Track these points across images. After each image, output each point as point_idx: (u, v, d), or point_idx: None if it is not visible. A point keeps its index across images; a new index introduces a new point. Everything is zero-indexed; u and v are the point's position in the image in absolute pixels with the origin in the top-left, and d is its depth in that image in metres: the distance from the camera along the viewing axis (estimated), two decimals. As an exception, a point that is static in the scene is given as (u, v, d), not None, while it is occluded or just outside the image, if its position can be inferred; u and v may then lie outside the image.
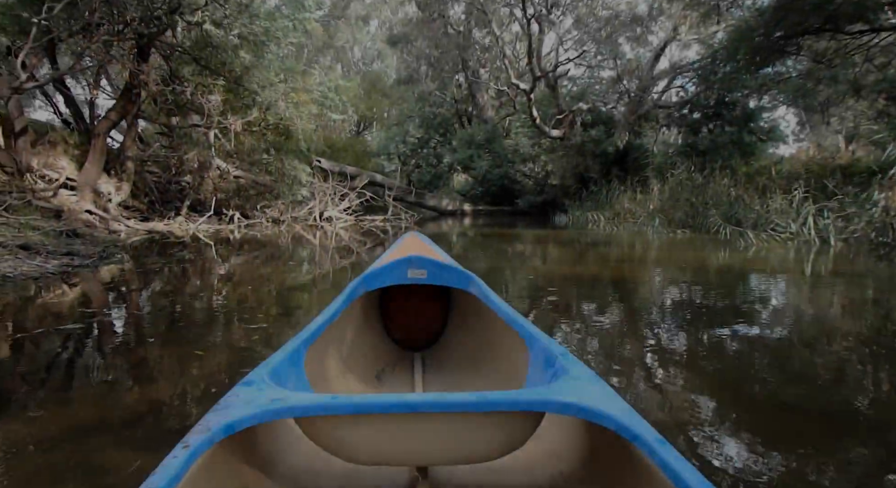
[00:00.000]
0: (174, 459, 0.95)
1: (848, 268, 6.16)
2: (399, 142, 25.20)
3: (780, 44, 12.03)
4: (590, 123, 17.60)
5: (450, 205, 19.68)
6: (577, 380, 1.25)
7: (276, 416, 1.08)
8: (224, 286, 4.99)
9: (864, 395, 2.37)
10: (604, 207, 15.26)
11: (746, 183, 12.84)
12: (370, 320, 2.46)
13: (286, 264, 6.58)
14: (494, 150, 19.81)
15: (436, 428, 1.10)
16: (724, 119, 17.14)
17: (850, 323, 3.76)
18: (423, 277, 2.22)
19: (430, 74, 23.95)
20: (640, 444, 1.02)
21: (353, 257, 7.60)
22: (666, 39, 17.93)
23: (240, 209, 12.31)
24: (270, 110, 11.24)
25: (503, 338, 1.96)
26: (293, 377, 1.49)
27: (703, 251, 8.05)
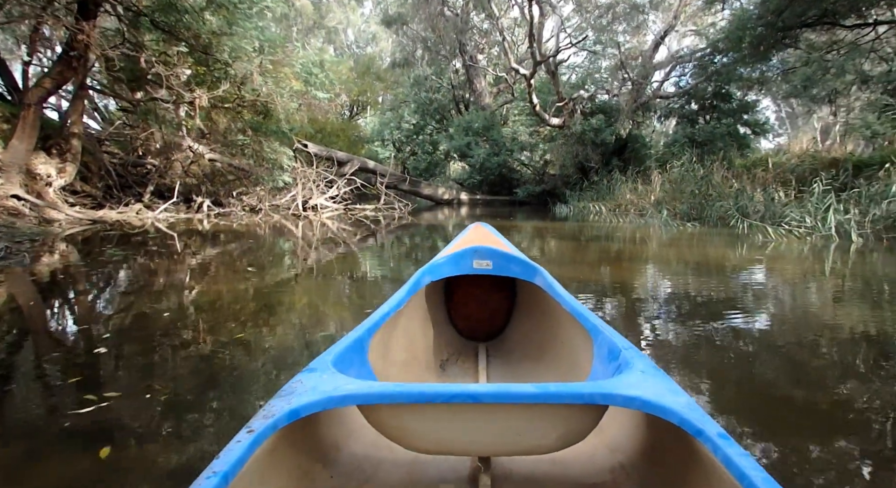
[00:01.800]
0: (238, 443, 0.93)
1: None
2: (394, 127, 23.78)
3: (780, 35, 11.68)
4: (590, 112, 16.57)
5: (446, 193, 18.19)
6: (641, 374, 1.18)
7: (340, 403, 1.05)
8: (149, 306, 3.50)
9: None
10: (605, 198, 14.10)
11: (744, 175, 12.28)
12: (435, 310, 2.36)
13: (256, 267, 5.10)
14: (492, 138, 18.36)
15: (498, 419, 1.08)
16: (721, 111, 17.08)
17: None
18: (488, 268, 2.16)
19: (427, 58, 22.42)
20: (703, 440, 0.96)
21: (339, 252, 6.20)
22: (666, 28, 16.83)
23: (212, 196, 10.80)
24: (246, 85, 9.71)
25: (568, 330, 1.90)
26: (356, 365, 1.45)
27: (724, 248, 6.74)
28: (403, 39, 23.02)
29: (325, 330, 2.93)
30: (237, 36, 8.81)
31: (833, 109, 14.86)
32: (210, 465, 0.88)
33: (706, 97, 16.82)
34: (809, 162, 11.55)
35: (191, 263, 5.21)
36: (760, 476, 0.85)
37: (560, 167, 17.29)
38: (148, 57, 8.33)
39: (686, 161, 13.29)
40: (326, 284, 4.34)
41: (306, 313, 3.31)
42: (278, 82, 10.13)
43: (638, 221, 11.18)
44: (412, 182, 17.74)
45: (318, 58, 11.18)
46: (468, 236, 2.49)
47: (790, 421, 1.94)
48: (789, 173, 12.00)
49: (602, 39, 17.82)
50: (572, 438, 1.13)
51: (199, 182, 10.88)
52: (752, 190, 10.95)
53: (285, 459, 1.14)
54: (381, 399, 1.05)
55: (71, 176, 8.23)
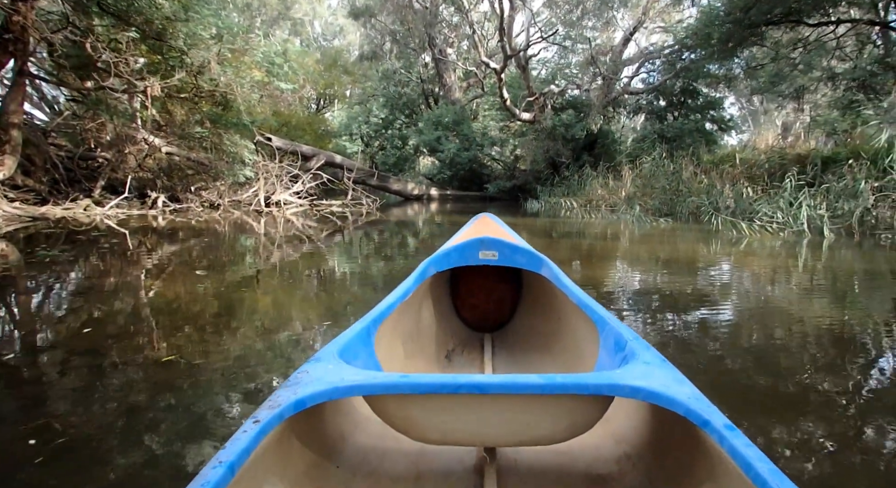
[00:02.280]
0: (244, 433, 0.93)
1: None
2: (362, 122, 23.23)
3: (747, 32, 11.79)
4: (560, 107, 16.46)
5: (415, 189, 17.84)
6: (647, 365, 1.18)
7: (346, 394, 1.05)
8: (72, 319, 3.07)
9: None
10: (576, 193, 14.04)
11: (712, 170, 12.36)
12: (441, 300, 2.35)
13: (210, 268, 4.69)
14: (463, 133, 18.07)
15: (504, 410, 1.07)
16: (689, 107, 17.25)
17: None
18: (494, 259, 2.14)
19: (395, 51, 22.02)
20: (709, 430, 0.96)
21: (304, 250, 5.83)
22: (635, 24, 16.81)
23: (169, 191, 10.26)
24: (203, 75, 9.20)
25: (574, 321, 1.89)
26: (363, 355, 1.44)
27: (699, 245, 6.63)
28: (371, 32, 22.57)
29: (285, 355, 2.46)
30: (193, 22, 8.32)
31: (800, 105, 14.97)
32: (216, 455, 0.87)
33: (674, 93, 16.92)
34: (778, 158, 11.50)
35: (138, 265, 4.78)
36: (767, 467, 0.84)
37: (531, 162, 17.14)
38: (94, 42, 7.75)
39: (657, 156, 13.27)
40: (288, 289, 3.99)
41: (263, 328, 2.87)
42: (238, 72, 9.64)
43: (610, 217, 11.06)
44: (381, 177, 17.35)
45: (280, 47, 10.65)
46: (474, 227, 2.49)
47: (757, 405, 1.98)
48: (757, 169, 12.06)
49: (572, 35, 17.74)
50: (578, 429, 1.13)
51: (155, 176, 10.32)
52: (722, 185, 10.93)
53: (291, 449, 1.14)
54: (387, 389, 1.05)
55: (10, 169, 7.63)
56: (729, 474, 0.95)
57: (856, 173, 8.06)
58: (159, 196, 9.59)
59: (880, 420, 1.87)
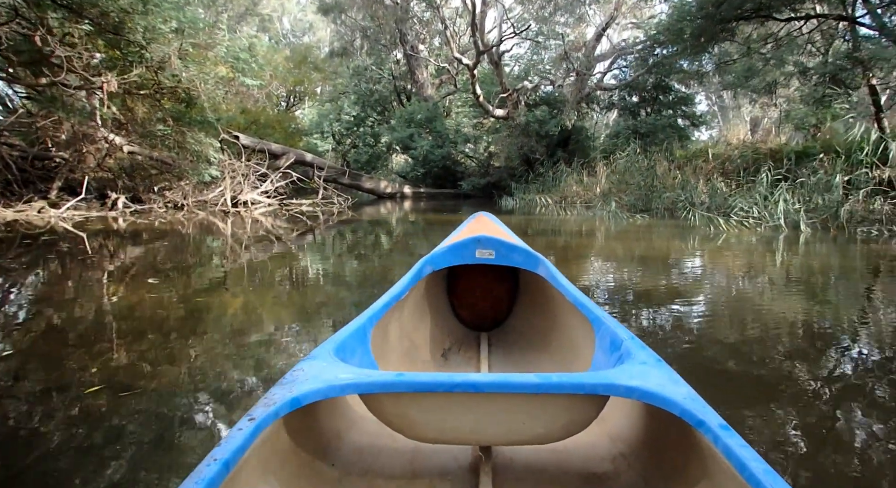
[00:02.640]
0: (239, 431, 0.92)
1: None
2: (333, 119, 22.89)
3: (719, 27, 11.75)
4: (534, 103, 16.38)
5: (388, 187, 17.57)
6: (643, 365, 1.19)
7: (342, 392, 1.06)
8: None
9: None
10: (551, 190, 13.94)
11: (685, 166, 12.41)
12: (437, 299, 2.35)
13: (166, 275, 4.40)
14: (436, 130, 17.88)
15: (500, 409, 1.07)
16: (661, 103, 17.29)
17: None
18: (490, 257, 2.13)
19: (366, 48, 21.68)
20: (704, 430, 0.97)
21: (272, 252, 5.58)
22: (607, 20, 16.82)
23: (131, 192, 9.86)
24: (165, 70, 8.83)
25: (570, 320, 1.89)
26: (359, 353, 1.45)
27: (679, 241, 6.58)
28: (341, 28, 22.17)
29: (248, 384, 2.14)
30: (152, 15, 7.96)
31: (773, 100, 15.11)
32: (211, 453, 0.87)
33: (647, 89, 16.98)
34: (751, 153, 11.56)
35: (96, 270, 4.49)
36: (761, 467, 0.85)
37: (505, 159, 17.04)
38: (44, 35, 7.35)
39: (631, 152, 13.27)
40: (254, 298, 3.75)
41: (218, 359, 2.47)
42: (202, 68, 9.29)
43: (585, 213, 10.98)
44: (352, 175, 17.05)
45: (246, 42, 10.29)
46: (471, 226, 2.48)
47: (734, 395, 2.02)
48: (730, 164, 12.13)
49: (544, 30, 17.67)
50: (574, 428, 1.14)
51: (116, 176, 9.90)
52: (696, 181, 10.95)
53: (287, 447, 1.14)
54: (383, 388, 1.05)
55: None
56: (723, 474, 0.95)
57: (828, 168, 8.09)
58: (119, 197, 9.19)
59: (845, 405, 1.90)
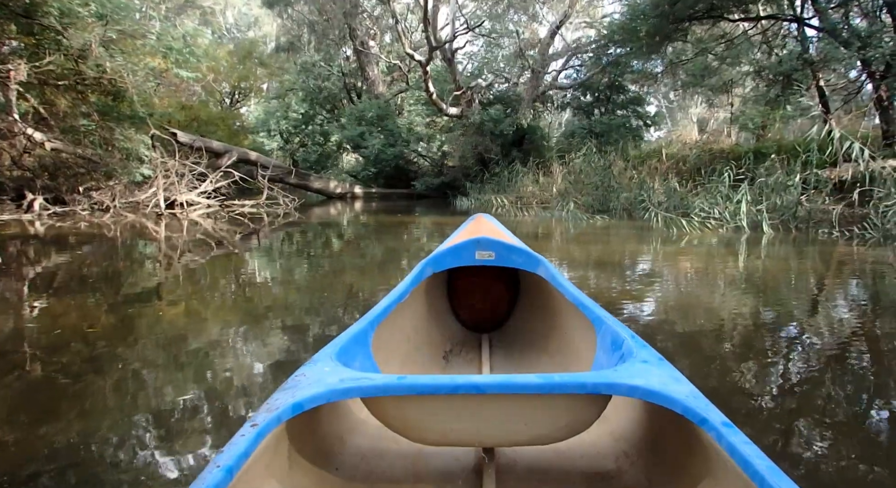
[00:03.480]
0: (242, 437, 0.92)
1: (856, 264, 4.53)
2: (280, 117, 22.06)
3: (672, 27, 11.82)
4: (488, 102, 16.14)
5: (338, 187, 16.91)
6: (645, 363, 1.19)
7: (344, 396, 1.05)
8: None
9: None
10: (507, 190, 13.63)
11: (639, 166, 12.37)
12: (437, 301, 2.34)
13: (84, 289, 3.75)
14: (387, 128, 17.34)
15: (502, 410, 1.07)
16: (615, 103, 17.32)
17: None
18: (490, 259, 2.12)
19: (314, 43, 20.93)
20: (707, 428, 0.96)
21: (205, 258, 5.00)
22: (561, 18, 16.68)
23: (52, 192, 8.98)
24: (87, 59, 8.03)
25: (571, 320, 1.89)
26: (360, 357, 1.46)
27: (640, 243, 6.36)
28: (288, 23, 21.34)
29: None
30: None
31: (730, 99, 15.24)
32: (214, 460, 0.87)
33: (601, 88, 16.94)
34: (707, 154, 11.51)
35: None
36: (765, 464, 0.84)
37: (459, 158, 16.71)
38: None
39: (587, 152, 13.10)
40: (174, 325, 3.21)
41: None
42: (130, 58, 8.51)
43: (543, 214, 10.69)
44: (300, 175, 16.35)
45: (181, 31, 9.51)
46: (470, 227, 2.45)
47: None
48: (684, 163, 12.11)
49: (498, 28, 17.43)
50: (576, 428, 1.12)
51: (35, 176, 8.99)
52: (652, 181, 10.83)
53: (290, 452, 1.13)
54: (385, 391, 1.04)
55: None
56: (727, 471, 0.95)
57: (788, 167, 8.01)
58: (37, 198, 8.32)
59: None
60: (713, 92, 13.63)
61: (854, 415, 1.85)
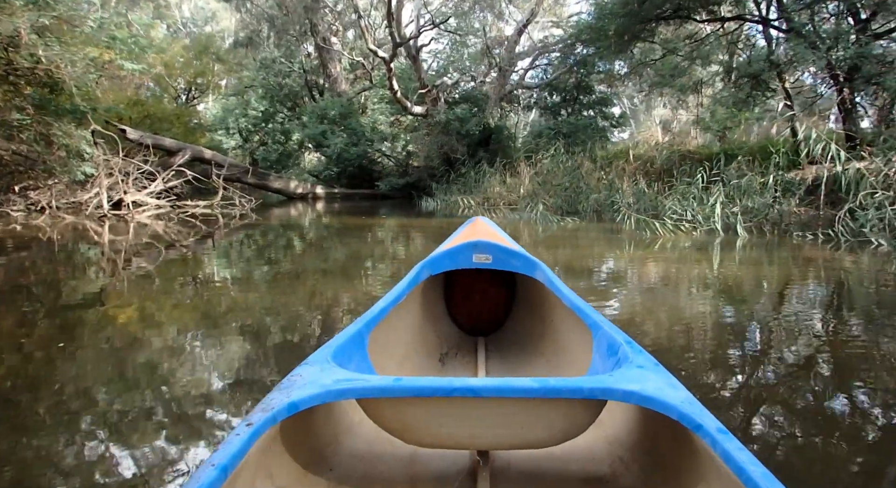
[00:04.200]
0: (237, 437, 0.92)
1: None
2: (239, 115, 21.21)
3: (640, 27, 11.75)
4: (454, 101, 15.75)
5: (299, 187, 16.26)
6: (640, 369, 1.18)
7: (340, 397, 1.05)
8: None
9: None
10: (473, 191, 13.31)
11: (606, 167, 12.22)
12: (434, 304, 2.34)
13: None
14: (350, 127, 16.80)
15: (498, 413, 1.07)
16: (582, 103, 17.18)
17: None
18: (488, 262, 2.11)
19: (274, 38, 20.19)
20: (702, 434, 0.96)
21: (154, 264, 4.48)
22: (528, 16, 16.45)
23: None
24: (18, 48, 7.33)
25: (567, 324, 1.88)
26: (356, 358, 1.45)
27: (614, 247, 6.06)
28: (247, 17, 20.53)
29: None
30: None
31: (699, 99, 15.14)
32: (208, 458, 0.86)
33: (568, 89, 16.77)
34: (677, 155, 11.40)
35: None
36: (759, 471, 0.84)
37: (424, 158, 16.30)
38: None
39: (555, 152, 12.89)
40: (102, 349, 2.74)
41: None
42: (68, 47, 7.82)
43: (511, 216, 10.36)
44: (259, 174, 15.69)
45: (122, 19, 8.81)
46: (467, 230, 2.41)
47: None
48: (651, 165, 11.98)
49: (463, 26, 17.09)
50: (572, 432, 1.13)
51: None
52: (621, 182, 10.63)
53: (284, 452, 1.13)
54: (381, 393, 1.04)
55: None
56: (721, 477, 0.95)
57: (759, 169, 7.85)
58: (-40, 199, 7.58)
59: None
60: (682, 92, 13.50)
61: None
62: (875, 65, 8.05)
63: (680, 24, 12.50)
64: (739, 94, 9.70)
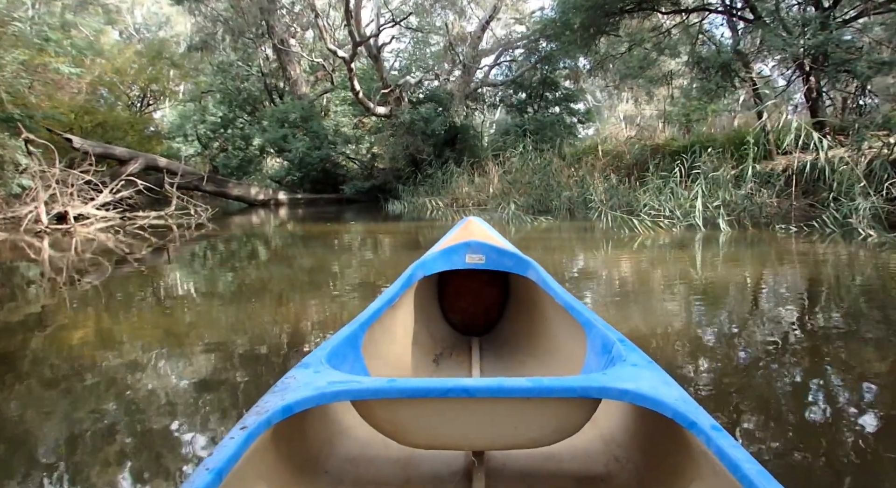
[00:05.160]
0: (232, 440, 0.92)
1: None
2: (197, 121, 20.36)
3: (605, 20, 11.47)
4: (418, 101, 15.26)
5: (261, 193, 15.51)
6: (634, 367, 1.17)
7: (334, 399, 1.04)
8: None
9: None
10: (441, 192, 12.84)
11: (575, 164, 11.88)
12: (428, 304, 2.30)
13: None
14: (312, 130, 16.14)
15: (492, 413, 1.06)
16: (548, 100, 16.84)
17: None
18: (481, 262, 2.12)
19: (229, 41, 19.36)
20: (696, 432, 0.96)
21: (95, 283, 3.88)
22: (491, 13, 16.05)
23: None
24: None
25: (561, 323, 1.86)
26: (350, 360, 1.45)
27: (594, 247, 5.65)
28: (201, 19, 19.63)
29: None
30: None
31: (670, 91, 14.89)
32: (203, 462, 0.86)
33: (533, 85, 16.43)
34: (649, 148, 11.11)
35: None
36: (754, 468, 0.83)
37: (390, 160, 15.78)
38: None
39: (523, 150, 12.52)
40: None
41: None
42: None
43: (481, 217, 9.90)
44: (217, 181, 14.93)
45: (58, 19, 8.04)
46: (460, 231, 2.38)
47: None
48: (621, 160, 11.69)
49: (425, 25, 16.62)
50: (566, 431, 1.12)
51: None
52: (592, 178, 10.29)
53: (279, 455, 1.12)
54: (375, 394, 1.03)
55: None
56: (716, 475, 0.94)
57: (733, 161, 7.55)
58: None
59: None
60: (652, 83, 13.21)
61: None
62: (843, 51, 7.85)
63: (645, 17, 12.28)
64: (708, 84, 9.40)
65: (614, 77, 14.32)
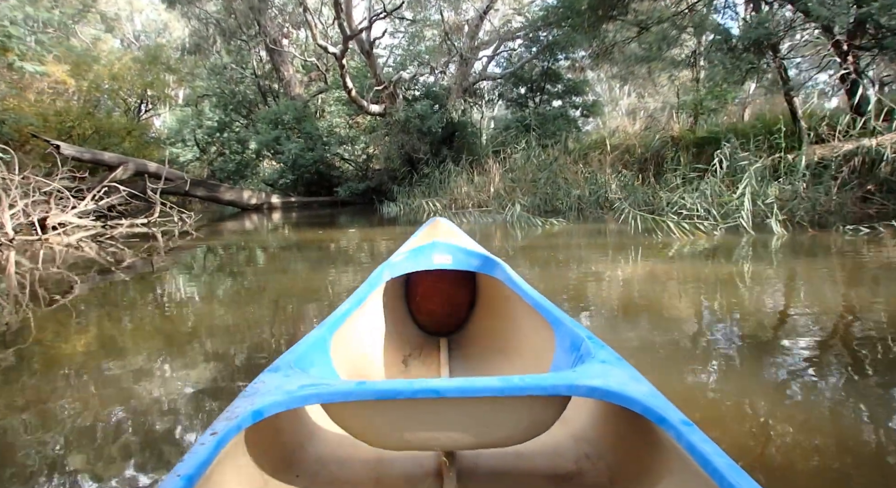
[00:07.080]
0: (202, 446, 0.88)
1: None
2: (195, 125, 19.48)
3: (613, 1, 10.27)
4: (413, 98, 14.22)
5: (253, 197, 14.47)
6: (603, 364, 1.14)
7: (304, 402, 1.01)
8: None
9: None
10: (439, 193, 11.81)
11: (581, 160, 10.81)
12: (396, 306, 2.25)
13: None
14: (306, 131, 15.15)
15: (462, 413, 1.02)
16: (549, 93, 15.79)
17: None
18: (448, 263, 2.07)
19: (222, 43, 18.44)
20: (666, 427, 0.92)
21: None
22: (488, 3, 14.93)
23: None
24: None
25: (529, 322, 1.80)
26: (319, 363, 1.39)
27: (631, 256, 4.56)
28: (194, 22, 18.68)
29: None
30: None
31: (695, 73, 13.28)
32: (174, 469, 0.83)
33: (534, 78, 15.34)
34: (661, 140, 9.99)
35: None
36: (724, 461, 0.81)
37: (385, 160, 14.77)
38: None
39: (526, 146, 11.48)
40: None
41: None
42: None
43: (483, 220, 8.84)
44: (208, 186, 13.98)
45: (14, 13, 7.04)
46: (427, 231, 2.37)
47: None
48: (631, 155, 10.62)
49: (420, 18, 15.59)
50: (536, 429, 1.09)
51: None
52: (603, 175, 9.23)
53: (250, 460, 1.09)
54: (344, 397, 1.00)
55: None
56: (687, 469, 0.91)
57: (766, 151, 6.41)
58: None
59: None
60: (674, 66, 11.90)
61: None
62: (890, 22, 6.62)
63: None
64: (738, 63, 8.07)
65: (625, 64, 13.09)
